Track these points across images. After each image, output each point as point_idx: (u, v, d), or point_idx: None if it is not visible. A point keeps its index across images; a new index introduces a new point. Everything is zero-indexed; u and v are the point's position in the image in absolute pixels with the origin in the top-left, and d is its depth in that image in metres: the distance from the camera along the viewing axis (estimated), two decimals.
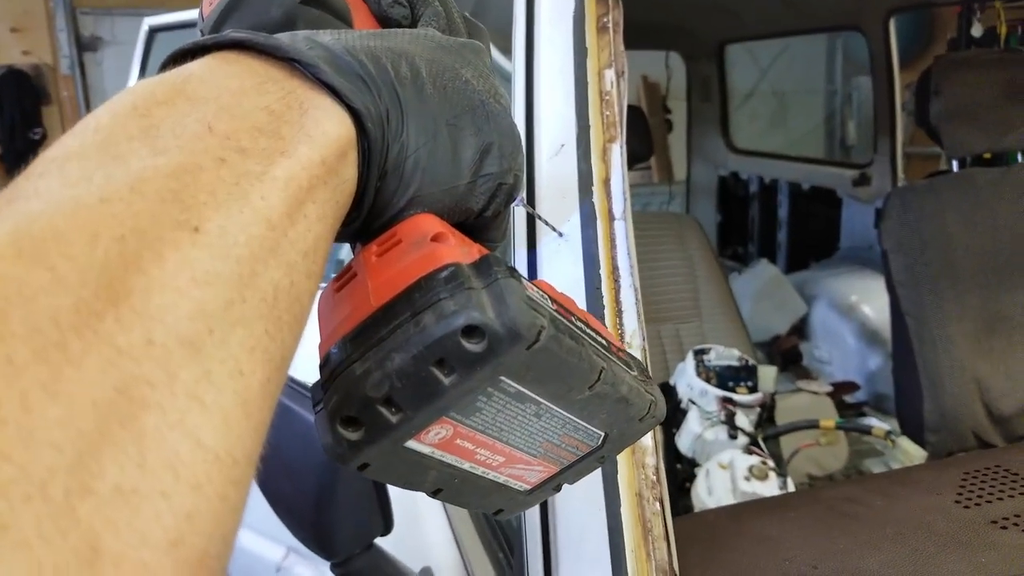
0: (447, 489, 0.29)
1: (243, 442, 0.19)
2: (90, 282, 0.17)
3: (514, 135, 0.31)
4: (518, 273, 0.26)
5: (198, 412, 0.18)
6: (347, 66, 0.26)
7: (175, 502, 0.17)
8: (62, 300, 0.16)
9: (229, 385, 0.19)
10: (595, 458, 0.33)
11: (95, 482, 0.15)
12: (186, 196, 0.20)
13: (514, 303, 0.24)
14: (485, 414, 0.27)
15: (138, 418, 0.17)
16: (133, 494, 0.16)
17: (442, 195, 0.29)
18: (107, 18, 4.48)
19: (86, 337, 0.16)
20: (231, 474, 0.18)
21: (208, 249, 0.20)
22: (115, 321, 0.17)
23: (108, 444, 0.16)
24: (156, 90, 0.23)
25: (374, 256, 0.27)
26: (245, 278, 0.20)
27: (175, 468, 0.17)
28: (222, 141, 0.22)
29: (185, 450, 0.17)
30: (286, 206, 0.22)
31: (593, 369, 0.28)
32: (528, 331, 0.24)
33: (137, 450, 0.16)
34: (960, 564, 0.56)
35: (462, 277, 0.24)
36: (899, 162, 2.27)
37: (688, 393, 1.44)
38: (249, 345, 0.20)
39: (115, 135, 0.21)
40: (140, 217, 0.19)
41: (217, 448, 0.18)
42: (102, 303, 0.17)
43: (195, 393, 0.18)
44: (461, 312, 0.23)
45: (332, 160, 0.24)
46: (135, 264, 0.18)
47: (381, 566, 0.68)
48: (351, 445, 0.25)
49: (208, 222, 0.20)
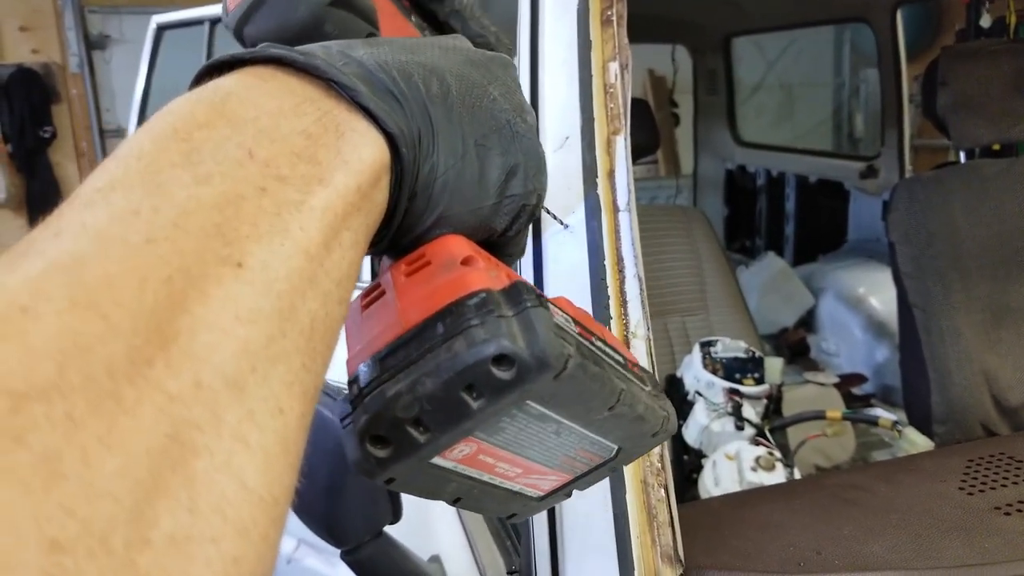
0: (466, 498, 0.30)
1: (282, 480, 0.19)
2: (141, 329, 0.17)
3: (539, 155, 0.31)
4: (546, 300, 0.27)
5: (242, 453, 0.18)
6: (380, 84, 0.26)
7: (223, 547, 0.17)
8: (115, 348, 0.17)
9: (270, 424, 0.19)
10: (607, 468, 0.34)
11: (151, 532, 0.16)
12: (228, 230, 0.20)
13: (543, 332, 0.24)
14: (508, 433, 0.27)
15: (189, 463, 0.17)
16: (186, 542, 0.16)
17: (468, 216, 0.29)
18: (115, 16, 4.50)
19: (139, 385, 0.17)
20: (272, 514, 0.19)
21: (251, 285, 0.20)
22: (165, 366, 0.17)
23: (162, 492, 0.16)
24: (196, 110, 0.23)
25: (403, 276, 0.27)
26: (285, 312, 0.20)
27: (223, 512, 0.17)
28: (262, 169, 0.22)
29: (232, 492, 0.17)
30: (323, 236, 0.22)
31: (614, 393, 0.28)
32: (556, 361, 0.24)
33: (188, 495, 0.17)
34: (963, 550, 0.57)
35: (492, 304, 0.24)
36: (907, 154, 2.26)
37: (695, 385, 1.45)
38: (288, 381, 0.20)
39: (158, 162, 0.21)
40: (185, 255, 0.19)
41: (260, 489, 0.18)
42: (152, 348, 0.17)
43: (240, 434, 0.18)
44: (492, 340, 0.24)
45: (367, 187, 0.24)
46: (181, 305, 0.18)
47: (390, 554, 0.69)
48: (379, 462, 0.25)
49: (250, 256, 0.20)
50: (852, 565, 0.55)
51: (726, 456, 1.16)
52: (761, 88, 3.94)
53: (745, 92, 3.56)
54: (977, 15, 2.31)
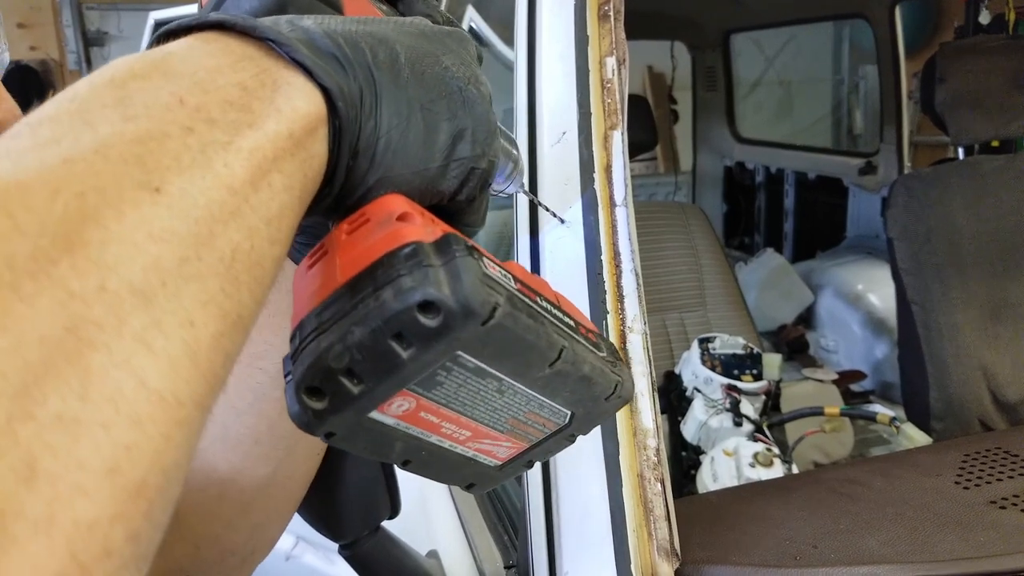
0: (415, 461, 0.30)
1: (190, 387, 0.20)
2: (48, 232, 0.18)
3: (489, 121, 0.32)
4: (478, 252, 0.27)
5: (144, 355, 0.19)
6: (323, 47, 0.27)
7: (114, 433, 0.18)
8: (19, 246, 0.17)
9: (178, 334, 0.20)
10: (564, 436, 0.34)
11: (37, 409, 0.16)
12: (150, 160, 0.21)
13: (469, 280, 0.25)
14: (447, 388, 0.28)
15: (84, 355, 0.18)
16: (73, 423, 0.17)
17: (413, 177, 0.29)
18: (113, 13, 4.49)
19: (40, 280, 0.17)
20: (175, 415, 0.19)
21: (167, 208, 0.21)
22: (70, 267, 0.18)
23: (52, 376, 0.17)
24: (135, 65, 0.24)
25: (344, 234, 0.28)
26: (202, 237, 0.21)
27: (116, 403, 0.18)
28: (192, 113, 0.23)
29: (128, 388, 0.18)
30: (249, 174, 0.23)
31: (552, 347, 0.28)
32: (482, 307, 0.25)
33: (80, 384, 0.17)
34: (959, 543, 0.57)
35: (422, 255, 0.25)
36: (905, 151, 2.26)
37: (693, 381, 1.45)
38: (202, 300, 0.21)
39: (89, 103, 0.22)
40: (102, 176, 0.20)
41: (161, 389, 0.19)
42: (58, 251, 0.18)
43: (143, 338, 0.19)
44: (418, 288, 0.24)
45: (300, 134, 0.25)
46: (94, 218, 0.19)
47: (388, 548, 0.69)
48: (316, 414, 0.26)
49: (169, 184, 0.21)
50: (848, 559, 0.55)
51: (724, 452, 1.17)
52: (760, 84, 3.94)
53: (744, 89, 3.56)
54: (976, 12, 2.30)
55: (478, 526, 0.85)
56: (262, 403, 0.42)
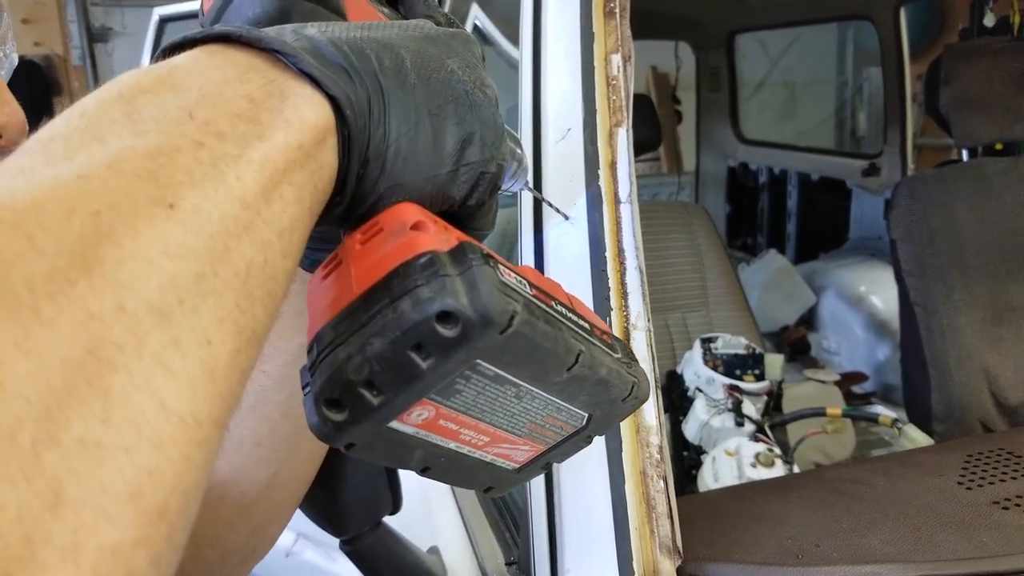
0: (435, 467, 0.30)
1: (209, 406, 0.20)
2: (65, 251, 0.18)
3: (497, 125, 0.32)
4: (495, 260, 0.27)
5: (164, 376, 0.19)
6: (330, 56, 0.27)
7: (136, 457, 0.18)
8: (37, 267, 0.17)
9: (196, 353, 0.20)
10: (581, 438, 0.34)
11: (61, 433, 0.16)
12: (162, 175, 0.21)
13: (486, 289, 0.25)
14: (465, 396, 0.27)
15: (105, 378, 0.17)
16: (96, 447, 0.17)
17: (423, 183, 0.29)
18: (118, 9, 4.49)
19: (59, 301, 0.17)
20: (194, 436, 0.19)
21: (182, 224, 0.20)
22: (88, 287, 0.18)
23: (75, 400, 0.17)
24: (142, 80, 0.24)
25: (358, 244, 0.28)
26: (217, 253, 0.21)
27: (138, 426, 0.18)
28: (201, 126, 0.23)
29: (149, 410, 0.18)
30: (261, 187, 0.23)
31: (570, 352, 0.28)
32: (500, 316, 0.25)
33: (102, 407, 0.17)
34: (962, 543, 0.57)
35: (438, 264, 0.25)
36: (909, 153, 2.26)
37: (695, 381, 1.45)
38: (219, 316, 0.21)
39: (99, 119, 0.22)
40: (116, 193, 0.20)
41: (181, 411, 0.19)
42: (76, 271, 0.18)
43: (162, 358, 0.19)
44: (436, 299, 0.24)
45: (309, 145, 0.25)
46: (109, 236, 0.19)
47: (389, 544, 0.69)
48: (336, 426, 0.26)
49: (183, 199, 0.21)
50: (850, 557, 0.55)
51: (726, 452, 1.16)
52: (764, 85, 3.94)
53: (748, 89, 3.56)
54: (980, 14, 2.30)
55: (479, 522, 0.85)
56: (264, 406, 0.42)
